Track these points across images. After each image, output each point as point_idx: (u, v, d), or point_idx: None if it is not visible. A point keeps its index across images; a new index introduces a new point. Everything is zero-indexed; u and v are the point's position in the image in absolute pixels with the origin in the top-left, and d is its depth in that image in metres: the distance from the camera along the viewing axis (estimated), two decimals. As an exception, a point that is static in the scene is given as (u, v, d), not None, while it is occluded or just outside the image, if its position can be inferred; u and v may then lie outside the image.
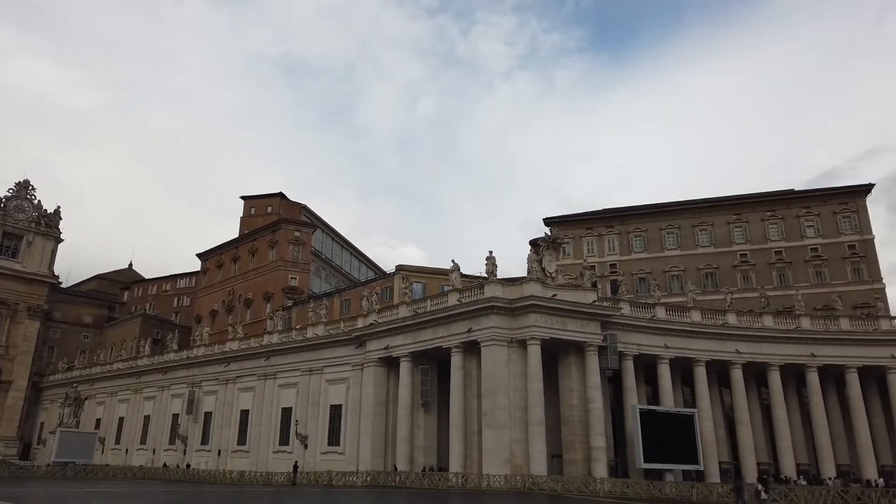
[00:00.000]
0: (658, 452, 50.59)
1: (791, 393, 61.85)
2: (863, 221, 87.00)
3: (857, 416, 58.57)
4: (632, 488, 44.46)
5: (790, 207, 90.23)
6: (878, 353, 59.38)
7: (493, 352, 49.81)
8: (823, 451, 57.81)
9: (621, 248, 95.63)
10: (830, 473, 56.21)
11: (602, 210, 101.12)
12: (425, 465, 53.51)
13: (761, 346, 59.18)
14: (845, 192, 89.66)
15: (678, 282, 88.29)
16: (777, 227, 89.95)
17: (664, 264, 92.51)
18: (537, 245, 54.26)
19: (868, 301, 77.69)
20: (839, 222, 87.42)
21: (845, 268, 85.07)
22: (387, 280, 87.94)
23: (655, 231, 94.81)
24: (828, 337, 60.01)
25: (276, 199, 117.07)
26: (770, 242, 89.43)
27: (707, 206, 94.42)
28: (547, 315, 50.13)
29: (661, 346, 56.73)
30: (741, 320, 60.54)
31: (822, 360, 59.14)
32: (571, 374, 51.76)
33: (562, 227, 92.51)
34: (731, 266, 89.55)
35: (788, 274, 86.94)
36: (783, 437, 58.18)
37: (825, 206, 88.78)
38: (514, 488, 44.63)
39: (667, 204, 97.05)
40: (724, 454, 59.51)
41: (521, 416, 48.36)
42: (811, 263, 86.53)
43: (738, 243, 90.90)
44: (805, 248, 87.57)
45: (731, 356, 58.34)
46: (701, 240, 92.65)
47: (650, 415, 52.16)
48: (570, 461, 49.96)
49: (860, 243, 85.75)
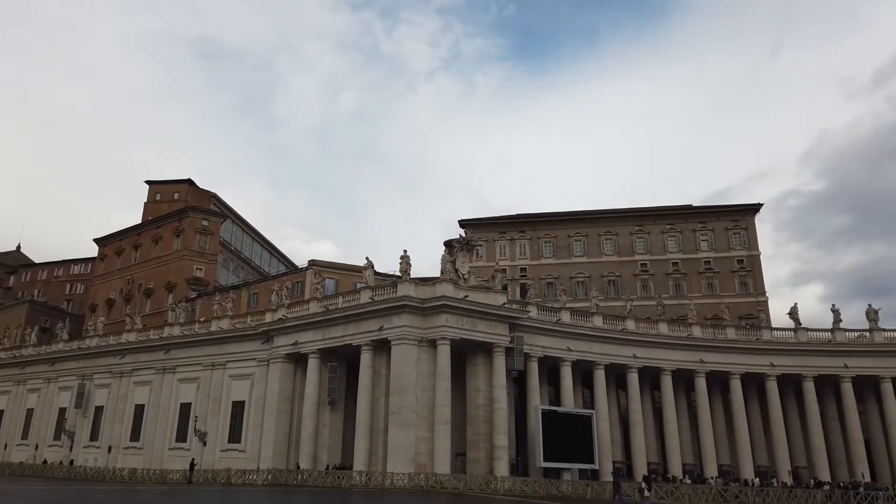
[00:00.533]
0: (558, 452, 52.53)
1: (681, 396, 65.75)
2: (751, 238, 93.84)
3: (738, 420, 63.07)
4: (531, 486, 45.98)
5: (688, 222, 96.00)
6: (759, 360, 64.16)
7: (403, 350, 50.07)
8: (707, 451, 61.87)
9: (532, 253, 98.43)
10: (713, 473, 60.25)
11: (516, 215, 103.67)
12: (329, 463, 53.05)
13: (656, 351, 62.59)
14: (737, 211, 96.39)
15: (583, 287, 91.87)
16: (675, 240, 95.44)
17: (571, 270, 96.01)
18: (451, 246, 54.95)
19: (752, 312, 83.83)
20: (730, 238, 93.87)
21: (734, 281, 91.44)
22: (298, 275, 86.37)
23: (564, 238, 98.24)
24: (715, 345, 64.28)
25: (184, 185, 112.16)
26: (668, 254, 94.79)
27: (613, 216, 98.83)
28: (458, 316, 50.92)
29: (565, 348, 58.89)
30: (639, 326, 63.81)
31: (709, 366, 63.26)
32: (479, 374, 52.82)
33: (476, 230, 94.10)
34: (633, 275, 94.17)
35: (683, 284, 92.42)
36: (672, 437, 61.79)
37: (719, 222, 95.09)
38: (417, 487, 45.06)
39: (576, 213, 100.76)
40: (618, 454, 62.50)
41: (428, 415, 48.90)
42: (704, 275, 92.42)
43: (639, 253, 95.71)
44: (699, 260, 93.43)
45: (628, 360, 61.37)
46: (606, 248, 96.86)
47: (551, 415, 54.08)
48: (474, 460, 50.97)
49: (748, 258, 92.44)
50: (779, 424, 62.94)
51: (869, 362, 63.40)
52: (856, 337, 65.52)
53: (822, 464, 61.91)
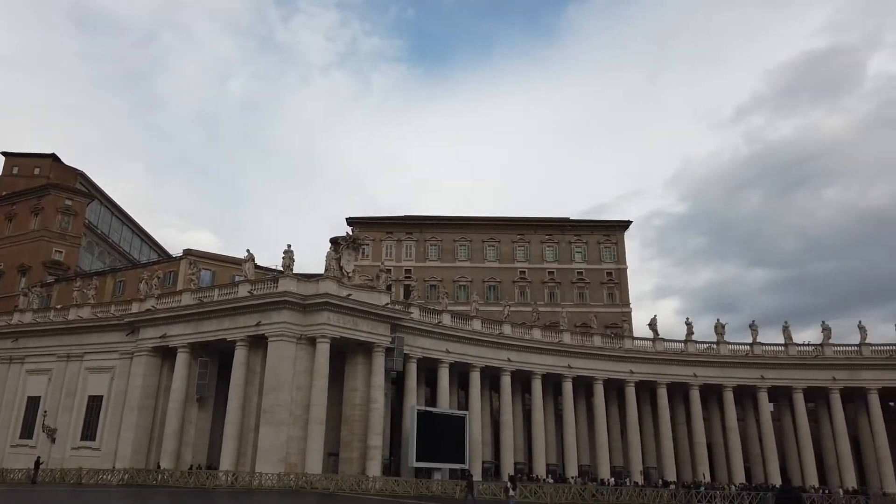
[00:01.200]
0: (431, 452, 53.54)
1: (549, 399, 69.11)
2: (620, 253, 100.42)
3: (598, 423, 67.23)
4: (402, 486, 46.52)
5: (564, 234, 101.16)
6: (621, 367, 68.77)
7: (280, 347, 49.02)
8: (569, 452, 65.43)
9: (418, 255, 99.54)
10: (573, 472, 63.81)
11: (404, 216, 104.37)
12: (193, 463, 50.79)
13: (529, 355, 65.39)
14: (609, 226, 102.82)
15: (465, 291, 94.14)
16: (553, 250, 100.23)
17: (455, 274, 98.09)
18: (337, 244, 54.46)
19: (617, 322, 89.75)
20: (602, 251, 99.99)
21: (603, 291, 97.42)
22: (171, 264, 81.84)
23: (450, 242, 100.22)
24: (583, 351, 68.20)
25: (46, 160, 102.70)
26: (546, 263, 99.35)
27: (497, 224, 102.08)
28: (340, 314, 50.61)
29: (444, 350, 60.12)
30: (515, 331, 66.40)
31: (576, 371, 67.00)
32: (357, 373, 52.74)
33: (364, 229, 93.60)
34: (512, 281, 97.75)
35: (558, 292, 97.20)
36: (538, 439, 64.77)
37: (592, 235, 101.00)
38: (286, 487, 44.25)
39: (462, 218, 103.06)
40: (488, 454, 64.69)
41: (303, 414, 48.19)
42: (576, 285, 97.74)
43: (519, 261, 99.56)
44: (573, 271, 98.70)
45: (502, 364, 63.66)
46: (489, 254, 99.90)
47: (427, 416, 55.04)
48: (347, 460, 50.80)
49: (616, 271, 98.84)
50: (634, 428, 67.77)
51: (714, 372, 69.77)
52: (704, 349, 71.87)
53: (670, 465, 67.39)
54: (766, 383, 69.12)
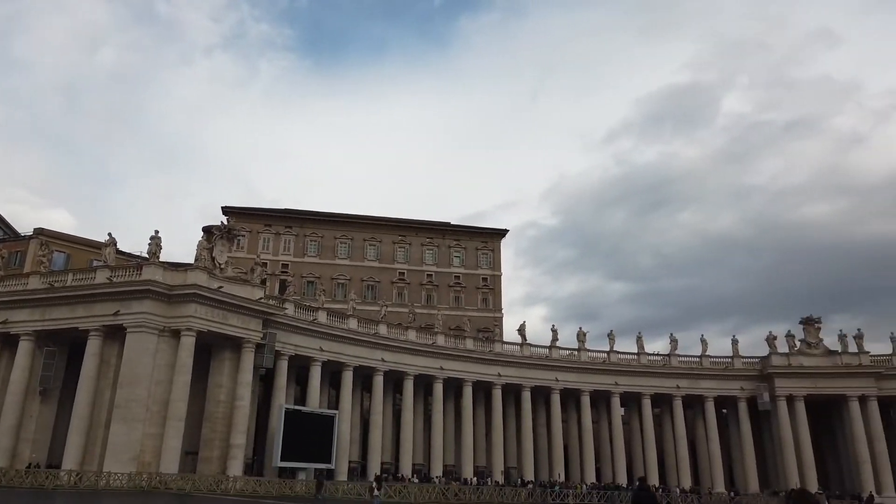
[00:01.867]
0: (297, 451, 52.64)
1: (419, 400, 70.20)
2: (496, 260, 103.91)
3: (465, 424, 69.13)
4: (264, 486, 45.45)
5: (444, 238, 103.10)
6: (490, 370, 71.22)
7: (140, 339, 46.20)
8: (436, 452, 66.79)
9: (296, 250, 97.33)
10: (439, 472, 65.20)
11: (284, 210, 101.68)
12: (32, 461, 46.54)
13: (403, 356, 66.06)
14: (487, 233, 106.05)
15: (343, 289, 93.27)
16: (432, 253, 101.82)
17: (333, 271, 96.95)
18: (211, 233, 52.14)
19: (489, 326, 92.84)
20: (479, 257, 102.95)
21: (478, 296, 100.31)
22: (19, 243, 74.37)
23: (330, 239, 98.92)
24: (455, 354, 69.94)
25: None
26: (425, 265, 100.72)
27: (379, 224, 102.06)
28: (209, 307, 48.57)
29: (318, 348, 59.33)
30: (390, 332, 66.83)
31: (448, 373, 68.58)
32: (224, 369, 50.81)
33: (241, 220, 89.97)
34: (391, 281, 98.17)
35: (435, 295, 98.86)
36: (406, 439, 65.58)
37: (471, 241, 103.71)
38: (137, 487, 41.78)
39: (345, 215, 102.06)
40: (356, 453, 64.60)
41: (160, 411, 45.73)
42: (453, 289, 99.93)
43: (399, 262, 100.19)
44: (451, 274, 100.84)
45: (376, 364, 63.85)
46: (369, 254, 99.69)
47: (295, 414, 54.07)
48: (206, 459, 48.76)
49: (491, 277, 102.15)
50: (499, 429, 70.43)
51: (574, 377, 74.11)
52: (567, 355, 76.06)
53: (529, 465, 70.69)
54: (619, 389, 74.37)
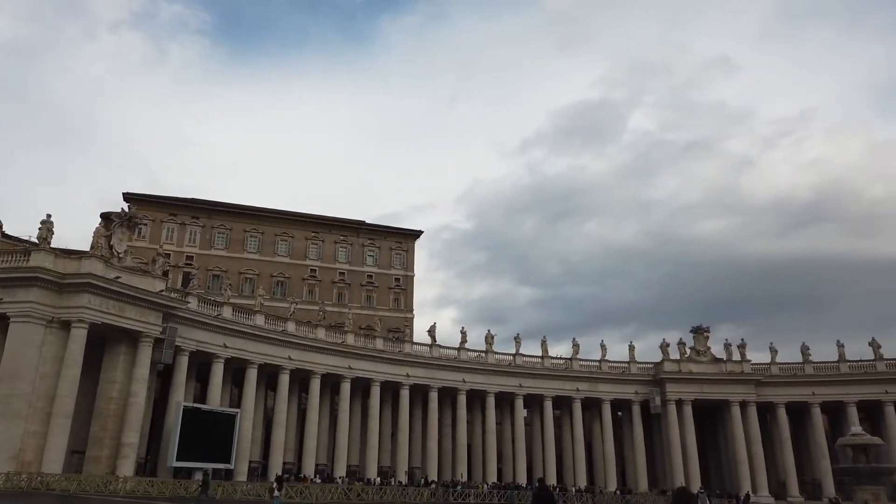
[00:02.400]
0: (194, 451, 50.76)
1: (326, 399, 69.39)
2: (409, 260, 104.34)
3: (372, 423, 68.94)
4: (156, 487, 43.62)
5: (359, 236, 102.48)
6: (398, 371, 71.31)
7: (25, 330, 43.24)
8: (340, 452, 66.20)
9: (202, 242, 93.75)
10: (342, 472, 64.69)
11: (191, 199, 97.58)
12: None
13: (311, 355, 65.09)
14: (402, 234, 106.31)
15: (251, 285, 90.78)
16: (345, 251, 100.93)
17: (242, 265, 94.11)
18: (109, 219, 49.41)
19: (400, 327, 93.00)
20: (393, 257, 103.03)
21: (390, 296, 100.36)
22: None
23: (240, 232, 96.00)
24: (364, 353, 69.64)
25: None
26: (337, 263, 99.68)
27: (292, 219, 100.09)
28: (104, 298, 46.09)
29: (221, 345, 57.50)
30: (299, 329, 65.68)
31: (356, 372, 68.17)
32: (118, 364, 48.35)
33: (143, 207, 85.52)
34: (302, 278, 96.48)
35: (346, 294, 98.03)
36: (311, 438, 64.62)
37: (385, 241, 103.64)
38: (15, 488, 39.00)
39: (256, 208, 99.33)
40: (257, 453, 63.02)
41: (45, 407, 42.94)
42: (365, 288, 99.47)
43: (311, 259, 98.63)
44: (363, 273, 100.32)
45: (283, 362, 62.58)
46: (280, 249, 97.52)
47: (194, 413, 52.16)
48: (95, 458, 46.21)
49: (404, 278, 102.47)
50: (405, 429, 70.70)
51: (481, 378, 75.53)
52: (475, 356, 77.43)
53: (434, 465, 71.39)
54: (523, 391, 76.50)
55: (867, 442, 47.54)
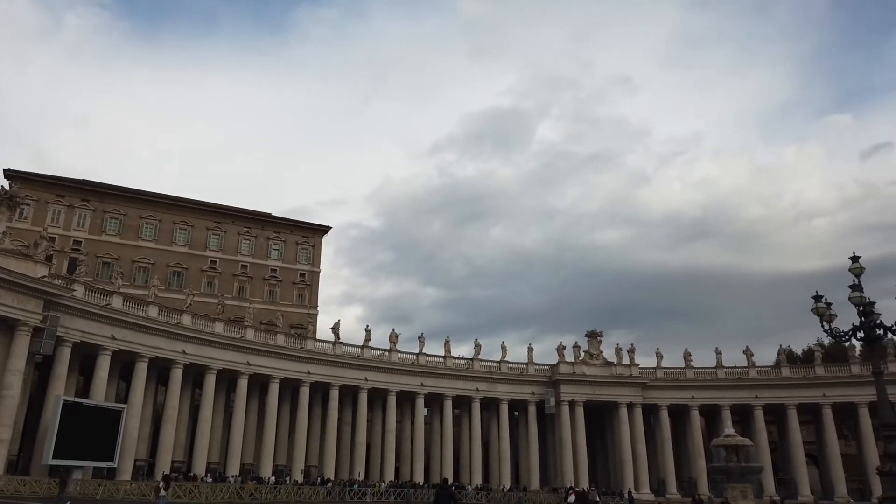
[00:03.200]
0: (74, 448, 47.67)
1: (221, 396, 67.08)
2: (316, 256, 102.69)
3: (269, 421, 67.15)
4: (29, 486, 40.84)
5: (264, 229, 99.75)
6: (299, 367, 70.03)
7: None
8: (234, 450, 64.25)
9: (92, 227, 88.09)
10: (235, 471, 62.80)
11: (81, 180, 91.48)
12: None
13: (207, 349, 62.76)
14: (309, 228, 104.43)
15: (145, 274, 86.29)
16: (249, 244, 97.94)
17: (136, 253, 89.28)
18: (-13, 198, 45.73)
19: (303, 323, 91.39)
20: (298, 252, 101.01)
21: (293, 291, 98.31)
22: None
23: (135, 218, 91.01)
24: (264, 349, 67.91)
25: None
26: (240, 256, 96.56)
27: (193, 207, 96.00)
28: (-24, 283, 42.47)
29: (109, 336, 54.36)
30: (195, 322, 63.19)
31: (255, 368, 66.33)
32: (-10, 354, 44.67)
33: (27, 186, 79.52)
34: (201, 270, 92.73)
35: (248, 287, 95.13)
36: (203, 436, 62.31)
37: (291, 235, 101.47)
38: None
39: (153, 194, 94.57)
40: (144, 451, 60.06)
41: None
42: (269, 282, 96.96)
43: (212, 250, 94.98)
44: (267, 267, 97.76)
45: (176, 356, 59.97)
46: (178, 238, 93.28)
47: (75, 408, 49.00)
48: (-42, 455, 42.50)
49: (309, 273, 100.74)
50: (303, 427, 69.57)
51: (384, 377, 75.39)
52: (378, 355, 77.31)
53: (331, 463, 70.69)
54: (424, 390, 77.22)
55: (738, 443, 51.71)
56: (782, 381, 79.38)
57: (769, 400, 78.74)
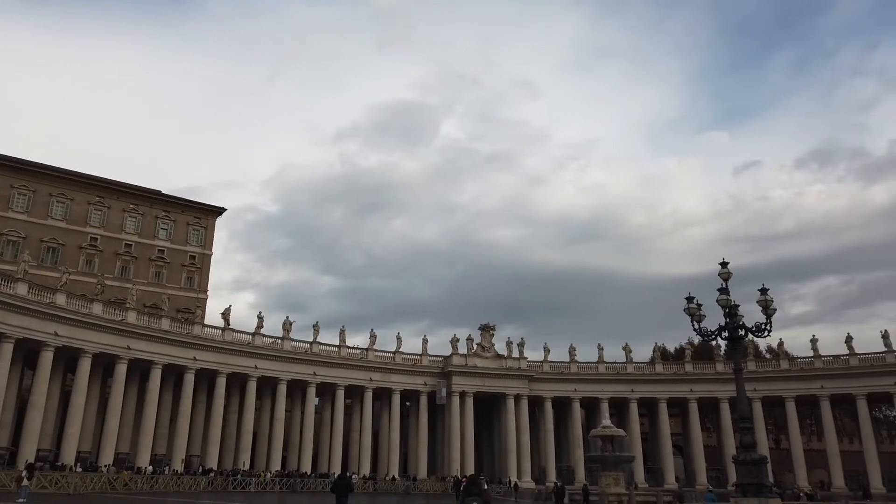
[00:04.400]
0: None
1: (97, 381, 63.22)
2: (208, 238, 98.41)
3: (149, 409, 63.72)
4: None
5: (153, 207, 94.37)
6: (185, 353, 67.08)
7: None
8: (109, 439, 60.58)
9: (-48, 193, 79.86)
10: (109, 461, 59.34)
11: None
12: None
13: (83, 331, 58.71)
14: (202, 209, 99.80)
15: (15, 249, 79.24)
16: (135, 221, 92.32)
17: (4, 225, 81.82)
18: None
19: (192, 307, 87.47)
20: (189, 233, 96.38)
21: (182, 274, 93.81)
22: None
23: (5, 187, 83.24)
24: (146, 333, 64.47)
25: None
26: (124, 234, 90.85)
27: (72, 178, 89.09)
28: None
29: (-32, 314, 49.81)
30: (70, 303, 59.06)
31: (136, 353, 62.84)
32: None
33: None
34: (79, 246, 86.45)
35: (132, 268, 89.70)
36: (74, 424, 58.35)
37: (183, 215, 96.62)
38: None
39: (27, 161, 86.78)
40: (6, 439, 55.54)
41: None
42: (155, 263, 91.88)
43: (93, 226, 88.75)
44: (154, 247, 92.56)
45: (47, 337, 55.75)
46: (55, 211, 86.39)
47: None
48: None
49: (200, 256, 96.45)
50: (186, 416, 66.81)
51: (275, 365, 73.77)
52: (270, 343, 75.48)
53: (215, 453, 68.39)
54: (317, 379, 76.39)
55: (613, 434, 55.15)
56: (655, 376, 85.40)
57: (644, 394, 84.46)
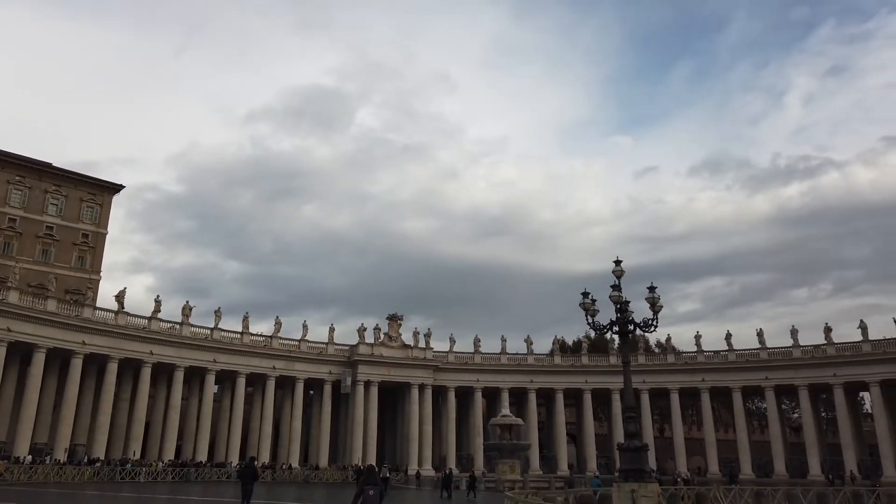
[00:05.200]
0: None
1: None
2: (103, 216, 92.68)
3: (29, 395, 59.74)
4: None
5: (41, 180, 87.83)
6: (72, 337, 63.29)
7: None
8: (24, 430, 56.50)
9: None
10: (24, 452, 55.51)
11: None
12: None
13: (-45, 311, 54.47)
14: (98, 185, 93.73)
15: None
16: (21, 195, 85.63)
17: None
18: None
19: (81, 288, 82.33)
20: (83, 210, 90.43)
21: (72, 253, 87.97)
22: None
23: None
24: (29, 315, 60.41)
25: None
26: (8, 207, 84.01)
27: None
28: None
29: None
30: (-58, 280, 54.44)
31: (17, 335, 58.82)
32: None
33: None
34: (-47, 219, 79.37)
35: (16, 244, 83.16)
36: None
37: (76, 190, 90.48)
38: None
39: None
40: None
41: None
42: (43, 240, 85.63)
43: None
44: (42, 223, 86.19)
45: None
46: (-75, 179, 78.86)
47: None
48: None
49: (94, 235, 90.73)
50: (71, 403, 63.13)
51: (172, 351, 71.04)
52: (167, 328, 72.61)
53: (102, 441, 65.00)
54: (217, 366, 74.22)
55: (511, 422, 57.17)
56: (554, 367, 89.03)
57: (542, 384, 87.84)
